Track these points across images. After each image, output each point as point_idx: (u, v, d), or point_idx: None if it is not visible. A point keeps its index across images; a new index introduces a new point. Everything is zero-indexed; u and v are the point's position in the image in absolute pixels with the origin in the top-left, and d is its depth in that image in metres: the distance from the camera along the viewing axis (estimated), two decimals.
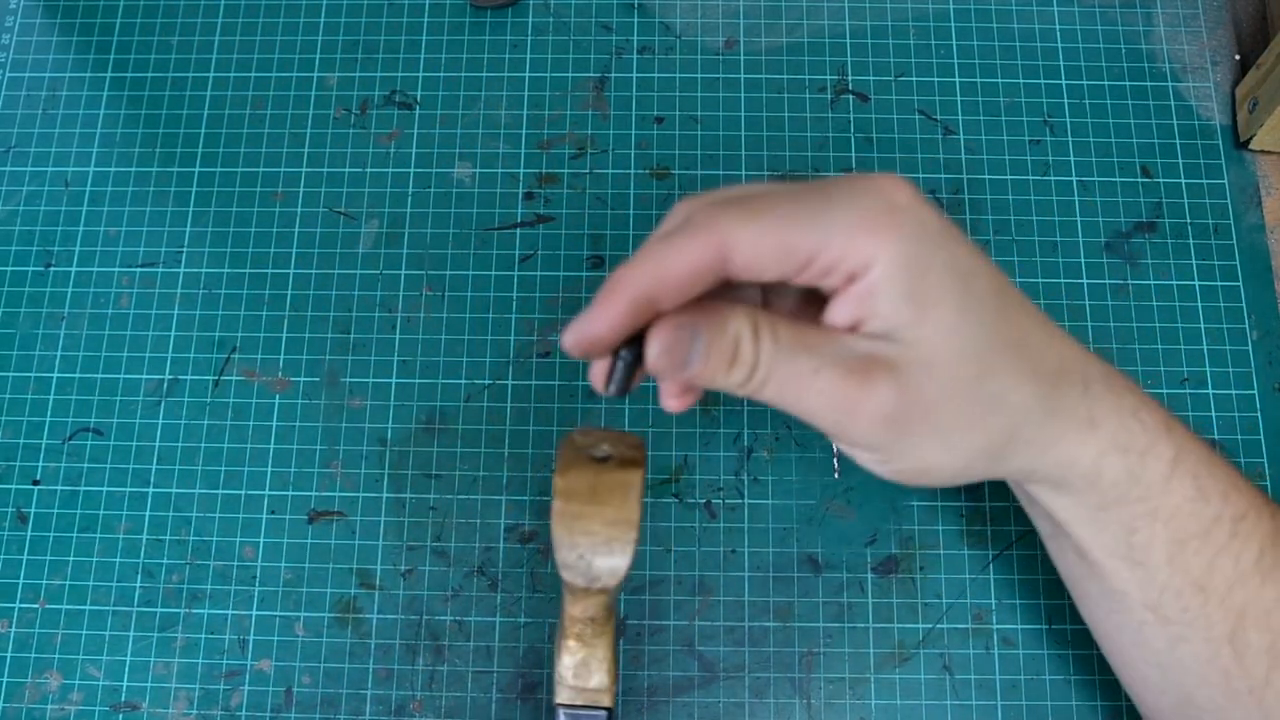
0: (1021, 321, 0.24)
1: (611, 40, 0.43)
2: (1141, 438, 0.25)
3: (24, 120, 0.43)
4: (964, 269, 0.23)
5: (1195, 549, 0.26)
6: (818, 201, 0.22)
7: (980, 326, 0.23)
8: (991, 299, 0.24)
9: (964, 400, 0.23)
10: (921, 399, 0.23)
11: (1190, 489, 0.26)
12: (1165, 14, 0.43)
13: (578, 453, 0.26)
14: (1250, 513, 0.26)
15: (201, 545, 0.37)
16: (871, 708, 0.35)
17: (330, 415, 0.38)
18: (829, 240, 0.22)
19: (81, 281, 0.40)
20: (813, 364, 0.23)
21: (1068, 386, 0.25)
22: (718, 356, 0.23)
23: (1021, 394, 0.24)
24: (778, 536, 0.37)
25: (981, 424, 0.24)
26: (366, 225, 0.41)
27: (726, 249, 0.22)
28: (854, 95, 0.42)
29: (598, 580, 0.25)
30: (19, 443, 0.38)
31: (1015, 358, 0.24)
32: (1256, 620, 0.26)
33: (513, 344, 0.39)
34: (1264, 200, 0.40)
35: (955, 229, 0.24)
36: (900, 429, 0.23)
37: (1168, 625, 0.27)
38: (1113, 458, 0.25)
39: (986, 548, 0.37)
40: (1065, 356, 0.25)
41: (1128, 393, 0.26)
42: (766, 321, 0.23)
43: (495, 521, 0.37)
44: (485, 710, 0.35)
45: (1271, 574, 0.26)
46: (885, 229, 0.22)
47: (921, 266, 0.22)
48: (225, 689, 0.36)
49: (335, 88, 0.43)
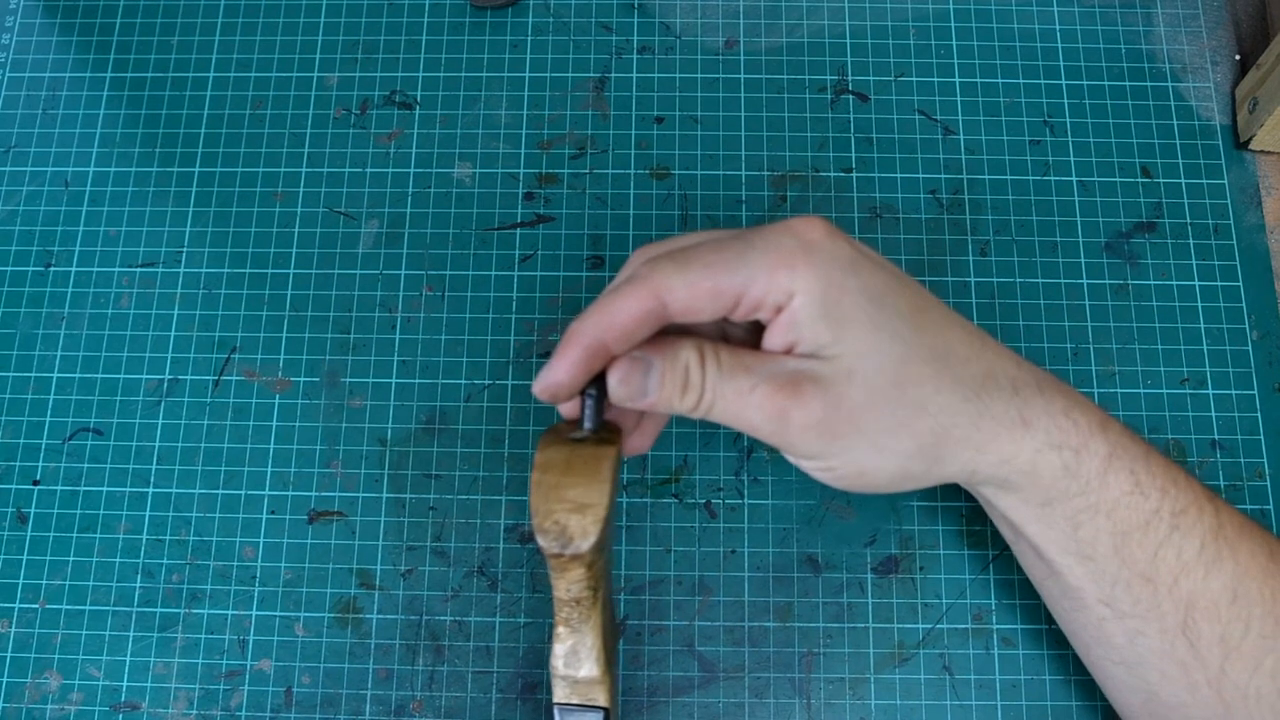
0: (945, 334, 0.27)
1: (611, 40, 0.43)
2: (1074, 436, 0.27)
3: (24, 120, 0.43)
4: (877, 291, 0.26)
5: (1138, 540, 0.28)
6: (740, 248, 0.26)
7: (896, 340, 0.26)
8: (909, 316, 0.26)
9: (886, 406, 0.26)
10: (846, 406, 0.26)
11: (1127, 483, 0.27)
12: (1165, 14, 0.43)
13: (557, 435, 0.28)
14: (1191, 508, 0.28)
15: (201, 545, 0.37)
16: (871, 708, 0.35)
17: (330, 415, 0.38)
18: (752, 281, 0.25)
19: (81, 281, 0.40)
20: (750, 382, 0.26)
21: (994, 390, 0.27)
22: (671, 383, 0.26)
23: (944, 398, 0.26)
24: (778, 536, 0.37)
25: (907, 428, 0.26)
26: (366, 225, 0.41)
27: (662, 297, 0.25)
28: (854, 95, 0.42)
29: (571, 544, 0.26)
30: (19, 443, 0.38)
31: (936, 367, 0.26)
32: (1205, 611, 0.27)
33: (513, 344, 0.39)
34: (1264, 200, 0.40)
35: (871, 257, 0.27)
36: (830, 434, 0.26)
37: (1123, 619, 0.29)
38: (1048, 454, 0.27)
39: (986, 548, 0.37)
40: (992, 364, 0.27)
41: (1059, 395, 0.28)
42: (710, 349, 0.26)
43: (495, 521, 0.37)
44: (485, 710, 0.35)
45: (1214, 566, 0.27)
46: (800, 264, 0.25)
47: (836, 292, 0.25)
48: (225, 689, 0.36)
49: (335, 88, 0.43)
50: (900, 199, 0.40)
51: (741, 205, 0.41)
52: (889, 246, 0.40)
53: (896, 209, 0.40)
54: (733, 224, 0.40)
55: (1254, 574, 0.27)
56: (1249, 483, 0.37)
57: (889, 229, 0.40)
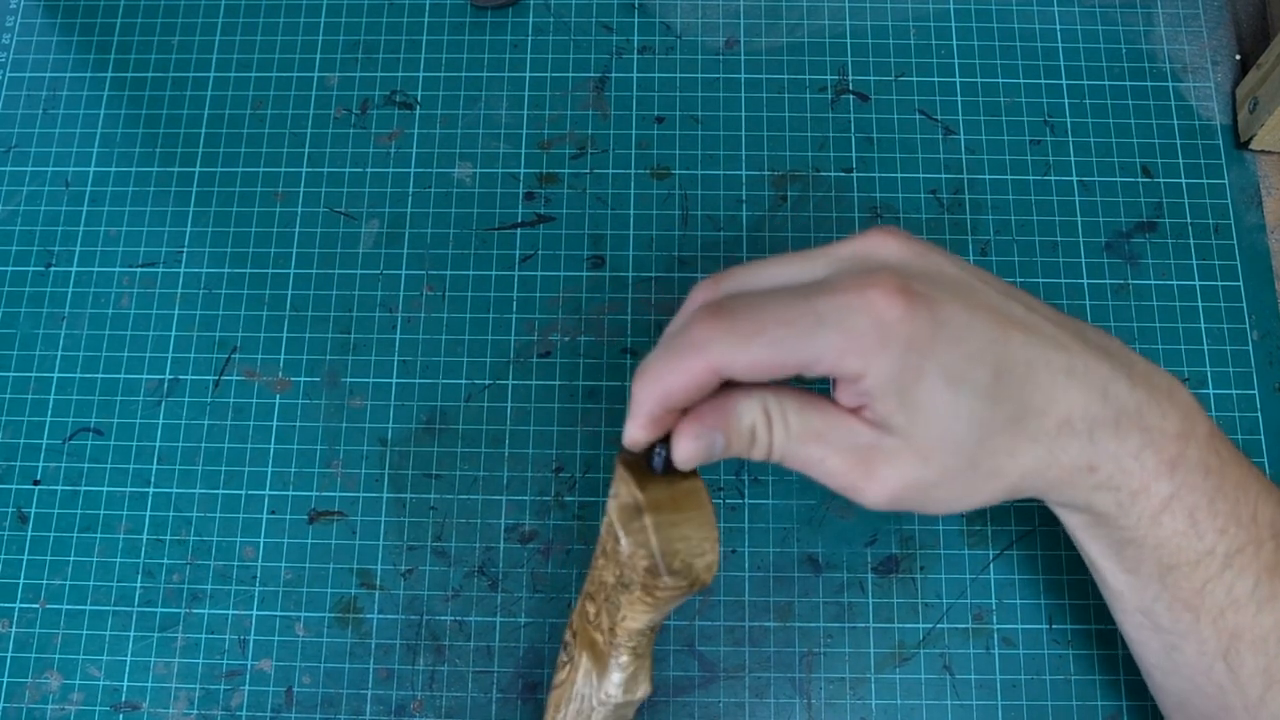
0: (1025, 390, 0.25)
1: (612, 40, 0.43)
2: (1137, 478, 0.26)
3: (24, 120, 0.43)
4: (956, 370, 0.24)
5: (1185, 574, 0.27)
6: (809, 323, 0.24)
7: (972, 423, 0.25)
8: (987, 389, 0.25)
9: (960, 481, 0.25)
10: (920, 485, 0.25)
11: (1183, 524, 0.26)
12: (1165, 14, 0.43)
13: (634, 464, 0.27)
14: (1250, 546, 0.27)
15: (202, 545, 0.37)
16: (872, 708, 0.35)
17: (330, 415, 0.38)
18: (818, 361, 0.24)
19: (81, 281, 0.40)
20: (821, 452, 0.25)
21: (1069, 439, 0.26)
22: (738, 445, 0.26)
23: (1018, 461, 0.26)
24: (778, 536, 0.37)
25: (980, 492, 0.26)
26: (367, 225, 0.41)
27: (719, 370, 0.25)
28: (854, 95, 0.42)
29: (698, 582, 0.26)
30: (19, 443, 0.38)
31: (1012, 433, 0.25)
32: (1252, 644, 0.27)
33: (513, 344, 0.39)
34: (1264, 200, 0.40)
35: (953, 324, 0.25)
36: (903, 504, 0.26)
37: (1161, 633, 0.28)
38: (1103, 494, 0.26)
39: (987, 548, 0.37)
40: (1073, 407, 0.26)
41: (1136, 432, 0.26)
42: (777, 408, 0.25)
43: (495, 521, 0.37)
44: (485, 710, 0.35)
45: (1268, 603, 0.26)
46: (872, 352, 0.24)
47: (910, 377, 0.24)
48: (225, 689, 0.36)
49: (335, 88, 0.43)
50: (901, 199, 0.40)
51: (742, 205, 0.41)
52: None
53: (897, 209, 0.40)
54: (733, 224, 0.40)
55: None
56: None
57: None
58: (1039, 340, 0.26)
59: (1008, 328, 0.25)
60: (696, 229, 0.40)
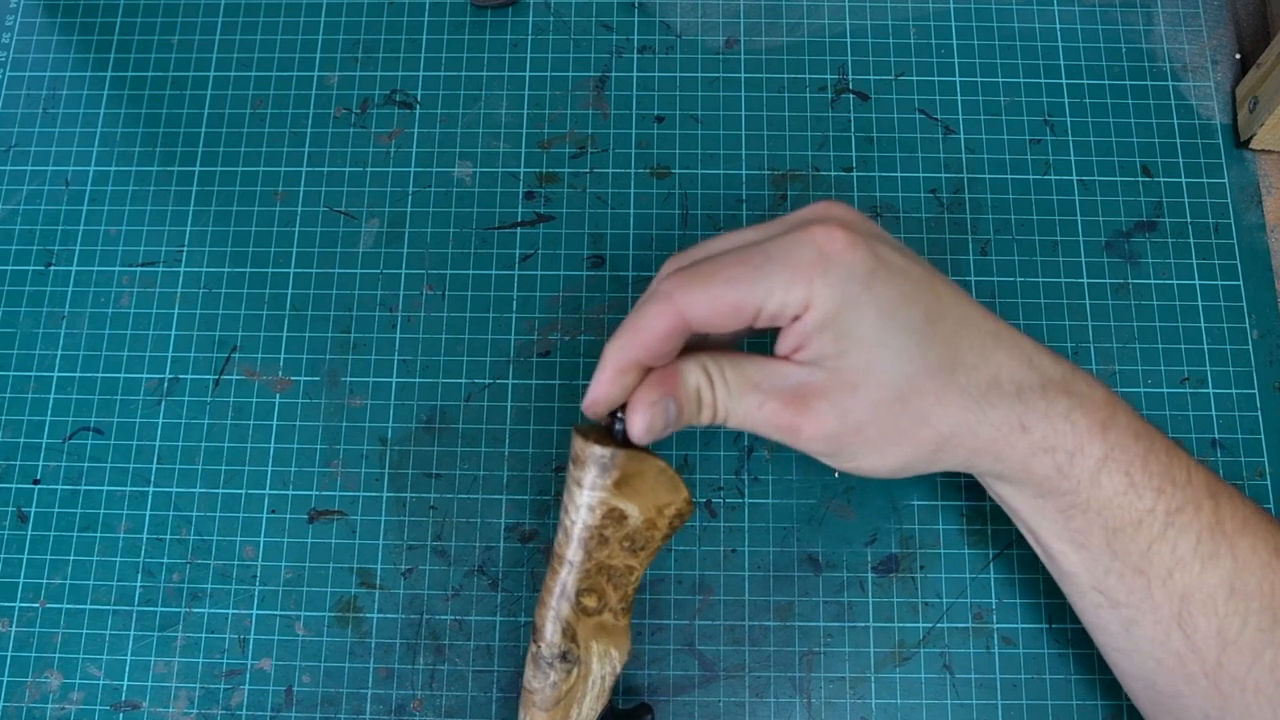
0: (954, 342, 0.27)
1: (612, 40, 0.43)
2: (1070, 439, 0.28)
3: (24, 120, 0.43)
4: (890, 305, 0.26)
5: (1130, 536, 0.28)
6: (759, 260, 0.26)
7: (900, 356, 0.26)
8: (919, 329, 0.27)
9: (889, 419, 0.27)
10: (851, 419, 0.27)
11: (1121, 484, 0.28)
12: (1165, 14, 0.43)
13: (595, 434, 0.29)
14: (1188, 506, 0.28)
15: (202, 545, 0.37)
16: (872, 707, 0.35)
17: (330, 415, 0.38)
18: (769, 295, 0.26)
19: (81, 281, 0.40)
20: (757, 399, 0.27)
21: (997, 397, 0.27)
22: (689, 410, 0.28)
23: (944, 409, 0.27)
24: (778, 536, 0.37)
25: (909, 437, 0.27)
26: (366, 225, 0.41)
27: (684, 315, 0.27)
28: (854, 95, 0.42)
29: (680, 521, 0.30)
30: (19, 442, 0.38)
31: (940, 379, 0.27)
32: (1201, 604, 0.28)
33: (513, 344, 0.39)
34: (1264, 199, 0.40)
35: (890, 263, 0.27)
36: (837, 443, 0.27)
37: (1118, 608, 0.29)
38: (1041, 456, 0.28)
39: (986, 547, 0.37)
40: (999, 368, 0.28)
41: (1063, 396, 0.28)
42: (715, 368, 0.28)
43: (495, 521, 0.37)
44: (485, 709, 0.35)
45: (1211, 561, 0.28)
46: (816, 278, 0.26)
47: (845, 307, 0.26)
48: (225, 688, 0.36)
49: (335, 87, 0.43)
50: (900, 198, 0.40)
51: (742, 205, 0.41)
52: None
53: (897, 208, 0.40)
54: (733, 223, 0.40)
55: (1254, 568, 0.27)
56: (1249, 481, 0.37)
57: (889, 228, 0.40)
58: (968, 304, 0.28)
59: (939, 284, 0.28)
60: (696, 229, 0.40)
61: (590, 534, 0.29)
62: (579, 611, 0.30)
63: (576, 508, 0.29)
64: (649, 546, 0.30)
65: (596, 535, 0.29)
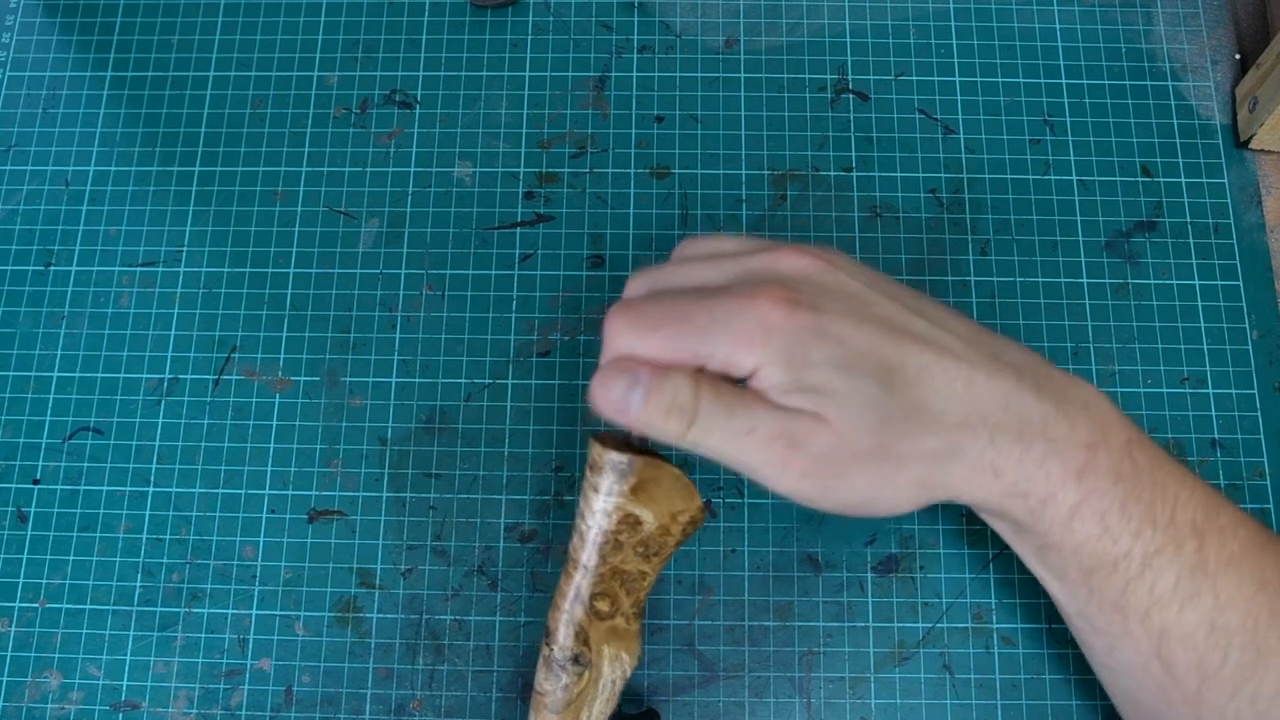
0: (918, 390, 0.27)
1: (611, 40, 0.43)
2: (1043, 485, 0.27)
3: (24, 120, 0.43)
4: (842, 361, 0.26)
5: (1106, 576, 0.28)
6: (703, 322, 0.27)
7: (870, 406, 0.26)
8: (879, 379, 0.27)
9: (872, 463, 0.27)
10: (837, 463, 0.27)
11: (1095, 529, 0.27)
12: (1165, 14, 0.43)
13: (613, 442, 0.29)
14: (1168, 547, 0.27)
15: (201, 545, 0.37)
16: (871, 707, 0.35)
17: (330, 415, 0.38)
18: (711, 358, 0.26)
19: (81, 281, 0.40)
20: (750, 422, 0.26)
21: (969, 441, 0.27)
22: (656, 403, 0.26)
23: (920, 453, 0.27)
24: (778, 536, 0.37)
25: (890, 480, 0.27)
26: (366, 225, 0.41)
27: (629, 358, 0.27)
28: (854, 95, 0.42)
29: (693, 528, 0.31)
30: (19, 442, 0.38)
31: (911, 423, 0.27)
32: (1181, 641, 0.27)
33: (513, 344, 0.39)
34: (1264, 200, 0.40)
35: (836, 323, 0.27)
36: (822, 484, 0.27)
37: (1099, 634, 0.29)
38: (1014, 501, 0.28)
39: (986, 547, 0.37)
40: (970, 411, 0.27)
41: (1039, 441, 0.27)
42: (708, 380, 0.27)
43: (495, 521, 0.37)
44: (485, 709, 0.35)
45: (1190, 600, 0.27)
46: (758, 347, 0.26)
47: (800, 368, 0.26)
48: (225, 688, 0.36)
49: (335, 87, 0.43)
50: (900, 198, 0.40)
51: (741, 204, 0.41)
52: (889, 246, 0.40)
53: (896, 208, 0.40)
54: (733, 224, 0.40)
55: (1237, 604, 0.27)
56: (1249, 482, 0.37)
57: (889, 228, 0.40)
58: (935, 351, 0.27)
59: (900, 338, 0.27)
60: (696, 228, 0.40)
61: (605, 539, 0.29)
62: (592, 615, 0.30)
63: (593, 513, 0.29)
64: (662, 552, 0.30)
65: (611, 540, 0.29)
